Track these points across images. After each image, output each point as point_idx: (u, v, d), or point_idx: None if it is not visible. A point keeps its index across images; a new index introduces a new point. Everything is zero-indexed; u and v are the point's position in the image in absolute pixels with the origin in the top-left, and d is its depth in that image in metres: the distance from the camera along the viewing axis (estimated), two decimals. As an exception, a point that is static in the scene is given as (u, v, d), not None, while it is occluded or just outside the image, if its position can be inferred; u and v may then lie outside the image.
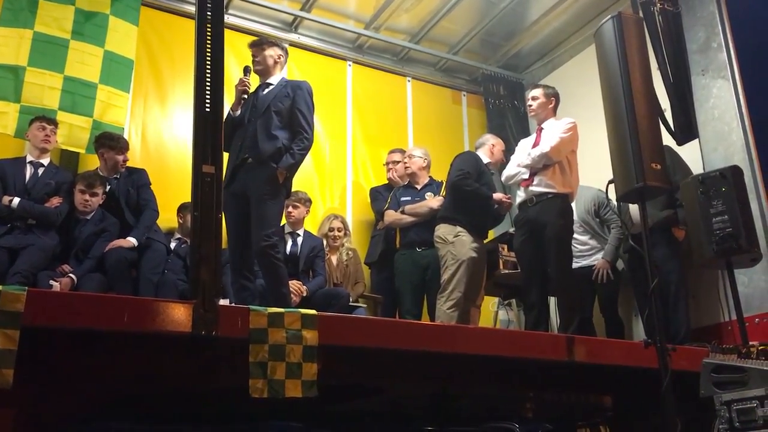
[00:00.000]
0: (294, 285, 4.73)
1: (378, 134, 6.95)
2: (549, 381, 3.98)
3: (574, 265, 5.31)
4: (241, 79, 4.28)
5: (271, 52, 4.36)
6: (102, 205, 4.76)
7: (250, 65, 4.36)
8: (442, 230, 5.02)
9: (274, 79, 4.36)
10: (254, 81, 4.38)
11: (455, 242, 4.93)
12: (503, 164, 5.31)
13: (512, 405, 4.34)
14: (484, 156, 5.26)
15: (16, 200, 4.44)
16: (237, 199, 4.09)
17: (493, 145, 5.34)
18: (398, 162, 6.02)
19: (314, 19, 6.67)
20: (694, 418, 3.20)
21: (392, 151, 6.22)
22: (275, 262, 3.99)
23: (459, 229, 4.96)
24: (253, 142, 4.11)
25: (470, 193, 4.96)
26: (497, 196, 5.05)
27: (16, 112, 4.94)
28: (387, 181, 6.18)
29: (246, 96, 4.26)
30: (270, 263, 3.97)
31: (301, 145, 4.17)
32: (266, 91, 4.30)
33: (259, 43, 4.38)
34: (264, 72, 4.35)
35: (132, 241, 4.68)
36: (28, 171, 4.67)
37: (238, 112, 4.25)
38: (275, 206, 4.12)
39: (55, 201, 4.58)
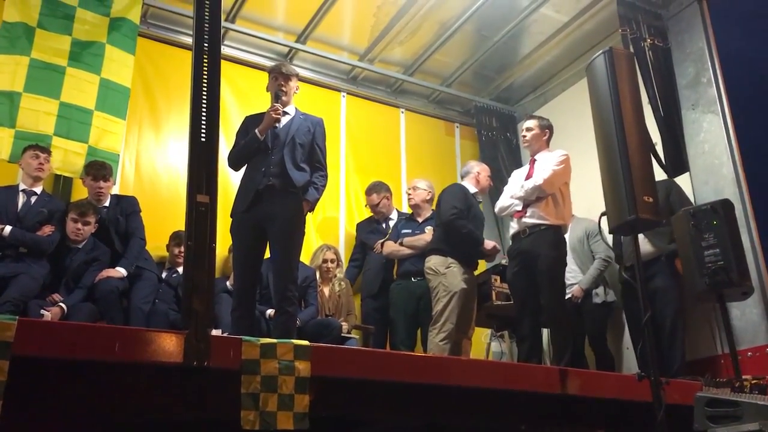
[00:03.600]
0: None
1: (371, 165, 6.98)
2: (541, 414, 3.95)
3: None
4: (275, 106, 4.25)
5: (294, 84, 4.43)
6: (93, 234, 4.73)
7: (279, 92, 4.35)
8: (433, 261, 5.03)
9: (290, 109, 4.40)
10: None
11: (447, 273, 4.93)
12: (492, 189, 5.34)
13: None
14: (471, 185, 5.28)
15: (8, 228, 4.42)
16: (252, 227, 4.12)
17: (478, 173, 5.35)
18: (377, 203, 6.06)
19: (309, 50, 6.74)
20: (687, 453, 3.17)
21: (369, 193, 6.18)
22: (292, 314, 4.05)
23: (450, 260, 4.96)
24: (280, 170, 4.14)
25: (465, 235, 4.98)
26: (488, 244, 5.07)
27: (11, 137, 4.93)
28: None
29: (279, 125, 4.27)
30: (287, 317, 4.01)
31: (323, 181, 4.31)
32: (285, 120, 4.32)
33: (288, 74, 4.41)
34: (287, 102, 4.38)
35: (121, 271, 4.65)
36: (21, 199, 4.64)
37: (263, 138, 4.24)
38: (299, 239, 4.20)
39: (47, 229, 4.56)
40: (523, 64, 7.19)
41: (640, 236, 4.69)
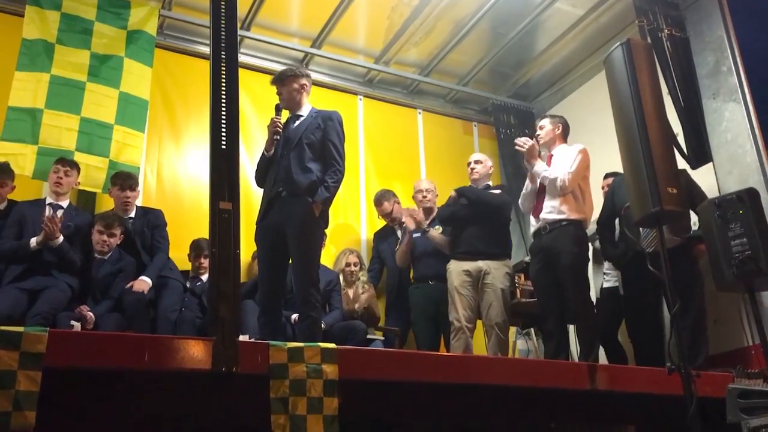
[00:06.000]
0: None
1: (390, 167, 7.00)
2: (571, 411, 3.93)
3: (606, 285, 5.28)
4: (273, 119, 4.21)
5: (294, 85, 4.31)
6: (119, 245, 4.78)
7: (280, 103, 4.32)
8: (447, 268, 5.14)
9: (303, 110, 4.32)
10: (284, 115, 4.34)
11: (447, 275, 5.04)
12: (512, 187, 5.30)
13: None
14: None
15: (61, 238, 4.43)
16: (271, 232, 4.10)
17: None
18: (390, 210, 6.04)
19: (324, 55, 6.77)
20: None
21: (379, 203, 6.12)
22: (315, 317, 4.01)
23: (450, 261, 5.08)
24: (287, 175, 4.10)
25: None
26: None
27: (34, 153, 5.01)
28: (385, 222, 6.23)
29: (278, 137, 4.21)
30: (310, 322, 3.98)
31: (335, 177, 4.14)
32: (297, 123, 4.27)
33: (281, 79, 4.34)
34: (291, 105, 4.32)
35: (147, 281, 4.67)
36: (47, 213, 4.69)
37: (272, 151, 4.21)
38: (315, 242, 4.15)
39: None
40: (540, 60, 7.16)
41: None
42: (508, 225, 5.26)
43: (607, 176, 5.41)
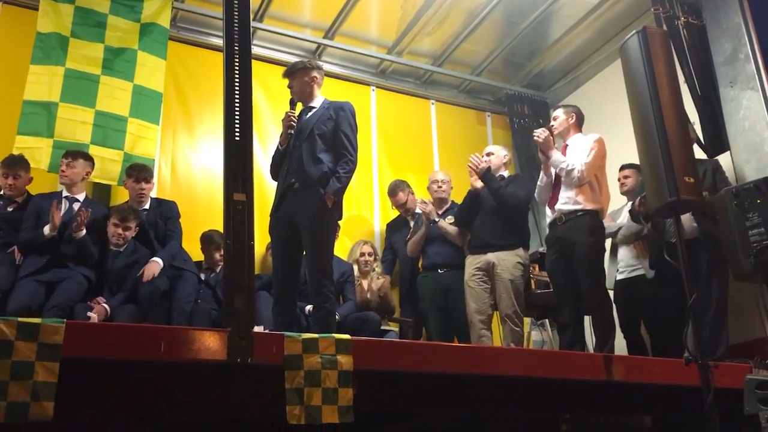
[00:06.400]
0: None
1: (403, 158, 6.98)
2: (586, 402, 3.91)
3: (619, 277, 5.24)
4: (287, 113, 4.24)
5: (305, 78, 4.32)
6: (133, 237, 4.80)
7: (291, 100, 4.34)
8: None
9: (316, 102, 4.33)
10: (298, 108, 4.37)
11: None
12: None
13: (548, 427, 4.27)
14: None
15: (84, 231, 4.49)
16: (284, 224, 4.11)
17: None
18: (405, 200, 5.99)
19: (337, 46, 6.75)
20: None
21: (394, 194, 6.07)
22: (329, 309, 4.00)
23: (466, 256, 5.07)
24: (299, 166, 4.10)
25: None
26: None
27: (50, 147, 5.03)
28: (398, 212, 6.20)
29: (293, 131, 4.22)
30: (324, 313, 3.98)
31: (347, 167, 4.13)
32: (309, 114, 4.28)
33: (292, 71, 4.35)
34: (303, 97, 4.34)
35: (159, 261, 4.69)
36: (64, 206, 4.72)
37: (286, 145, 4.23)
38: (328, 234, 4.14)
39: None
40: (554, 49, 7.11)
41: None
42: (524, 214, 5.22)
43: (623, 168, 5.37)
